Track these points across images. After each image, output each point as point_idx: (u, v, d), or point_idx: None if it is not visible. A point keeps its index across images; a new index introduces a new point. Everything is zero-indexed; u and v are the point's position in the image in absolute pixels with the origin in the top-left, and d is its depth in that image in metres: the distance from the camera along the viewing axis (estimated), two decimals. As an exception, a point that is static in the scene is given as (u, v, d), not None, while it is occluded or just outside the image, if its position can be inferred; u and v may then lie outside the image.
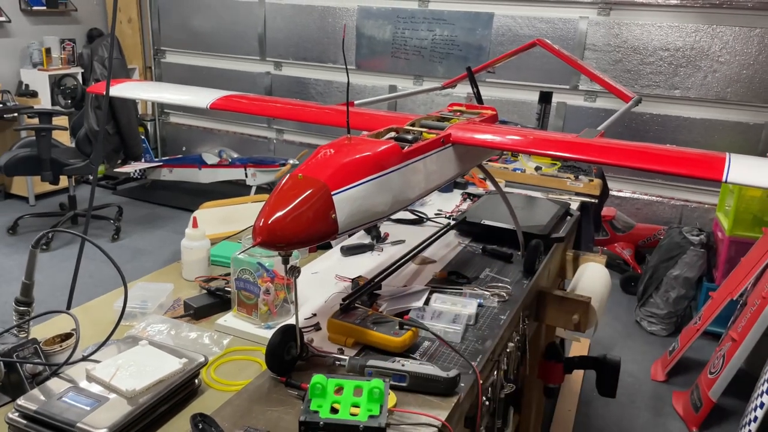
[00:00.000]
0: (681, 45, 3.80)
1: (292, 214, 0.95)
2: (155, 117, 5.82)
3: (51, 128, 4.09)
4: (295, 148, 5.11)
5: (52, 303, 3.02)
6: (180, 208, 4.90)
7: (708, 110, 3.83)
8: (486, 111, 1.64)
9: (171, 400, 0.99)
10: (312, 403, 0.90)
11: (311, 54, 4.95)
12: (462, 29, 4.37)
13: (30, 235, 4.30)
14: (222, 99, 1.72)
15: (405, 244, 1.75)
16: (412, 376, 1.05)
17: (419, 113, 1.58)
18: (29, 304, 1.08)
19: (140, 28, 5.67)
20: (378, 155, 1.11)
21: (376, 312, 1.26)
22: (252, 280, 1.26)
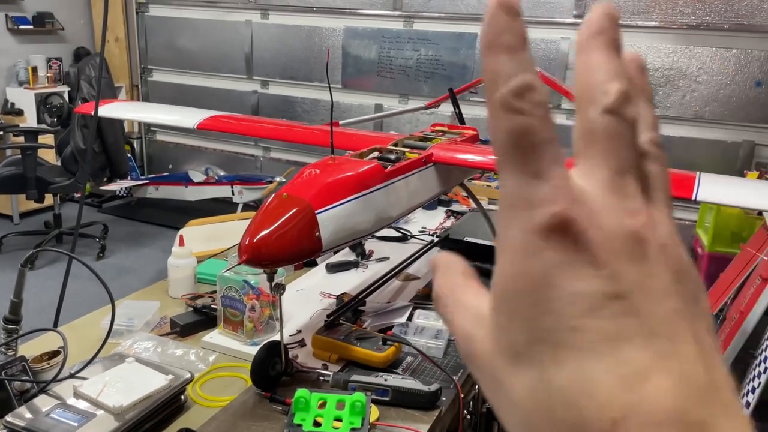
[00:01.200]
0: (659, 65, 3.90)
1: (277, 232, 0.97)
2: (142, 135, 5.83)
3: (37, 146, 4.09)
4: (282, 166, 5.14)
5: (39, 321, 2.99)
6: (166, 226, 4.90)
7: (687, 128, 3.91)
8: (467, 131, 1.69)
9: (157, 416, 1.01)
10: (295, 417, 0.93)
11: (298, 73, 5.00)
12: (446, 49, 4.45)
13: (15, 253, 4.27)
14: (209, 119, 1.75)
15: (389, 261, 1.78)
16: (394, 390, 1.07)
17: (404, 131, 1.63)
18: (17, 322, 1.09)
19: (127, 47, 5.70)
20: (361, 175, 1.14)
21: (360, 328, 1.29)
22: (238, 298, 1.28)
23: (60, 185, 4.14)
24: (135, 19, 5.57)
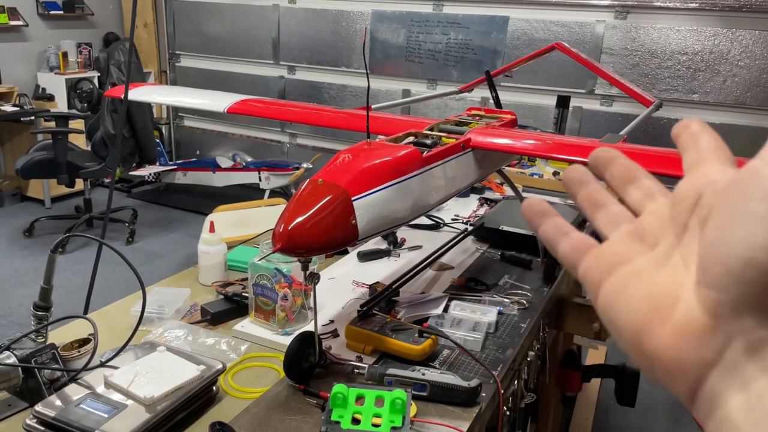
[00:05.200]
0: (699, 49, 3.75)
1: (312, 220, 0.93)
2: (170, 121, 5.85)
3: (67, 131, 4.12)
4: (309, 152, 5.11)
5: (68, 306, 3.03)
6: (194, 212, 4.92)
7: (727, 115, 3.77)
8: (505, 115, 1.62)
9: (189, 408, 0.98)
10: (333, 413, 0.89)
11: (325, 58, 4.95)
12: (477, 33, 4.35)
13: (46, 237, 4.33)
14: (239, 103, 1.71)
15: (422, 249, 1.73)
16: (432, 386, 1.03)
17: (433, 117, 1.57)
18: (48, 309, 1.07)
19: (156, 32, 5.71)
20: (398, 160, 1.09)
21: (395, 319, 1.25)
22: (270, 286, 1.25)
23: (90, 170, 4.17)
24: (163, 5, 5.57)
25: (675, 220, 0.31)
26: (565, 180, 0.37)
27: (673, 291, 0.28)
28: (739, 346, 0.26)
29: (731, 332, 0.26)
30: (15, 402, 1.00)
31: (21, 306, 3.38)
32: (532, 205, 0.37)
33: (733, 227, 0.25)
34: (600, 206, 0.35)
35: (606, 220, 0.35)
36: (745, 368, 0.25)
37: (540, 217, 0.36)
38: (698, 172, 0.31)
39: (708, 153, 0.32)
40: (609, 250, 0.33)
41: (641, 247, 0.32)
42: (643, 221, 0.33)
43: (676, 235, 0.30)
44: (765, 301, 0.25)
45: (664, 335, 0.28)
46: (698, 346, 0.27)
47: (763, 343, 0.25)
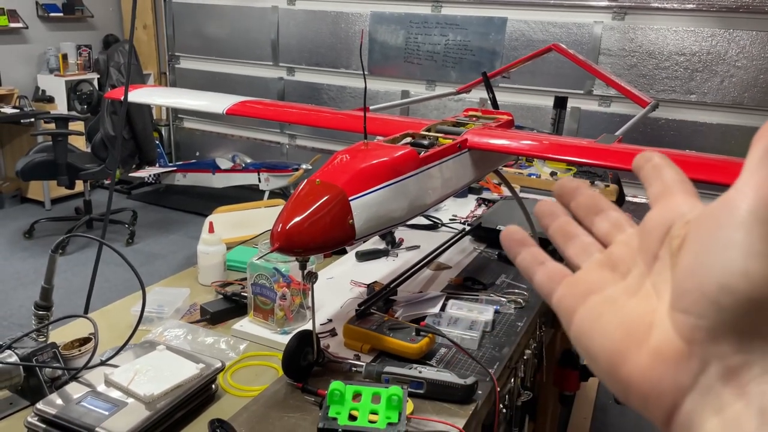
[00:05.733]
0: (697, 50, 3.77)
1: (309, 219, 0.94)
2: (169, 122, 5.87)
3: (67, 133, 4.13)
4: (308, 153, 5.13)
5: (69, 307, 3.04)
6: (193, 213, 4.93)
7: (725, 115, 3.79)
8: (502, 116, 1.63)
9: (188, 406, 1.00)
10: (330, 410, 0.90)
11: (324, 59, 4.96)
12: (475, 34, 4.37)
13: (46, 239, 4.34)
14: (238, 104, 1.72)
15: (420, 249, 1.75)
16: (429, 383, 1.04)
17: (432, 118, 1.58)
18: (49, 308, 1.09)
19: (155, 34, 5.72)
20: (395, 161, 1.11)
21: (392, 318, 1.26)
22: (268, 286, 1.26)
23: (90, 171, 4.19)
24: (163, 7, 5.59)
25: (645, 250, 0.32)
26: (536, 214, 0.39)
27: (646, 318, 0.29)
28: (714, 371, 0.26)
29: (707, 357, 0.26)
30: (17, 400, 1.02)
31: (21, 307, 3.40)
32: (511, 234, 0.38)
33: (711, 254, 0.26)
34: (571, 237, 0.37)
35: (577, 250, 0.36)
36: (720, 393, 0.26)
37: (518, 246, 0.38)
38: (666, 204, 0.32)
39: (674, 185, 0.33)
40: (582, 279, 0.34)
41: (613, 276, 0.33)
42: (614, 251, 0.34)
43: (646, 264, 0.31)
44: (741, 326, 0.25)
45: (639, 361, 0.28)
46: (674, 371, 0.27)
47: (739, 368, 0.26)
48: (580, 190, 0.38)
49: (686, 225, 0.29)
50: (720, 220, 0.27)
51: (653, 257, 0.31)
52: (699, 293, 0.26)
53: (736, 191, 0.27)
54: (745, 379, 0.26)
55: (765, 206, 0.26)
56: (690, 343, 0.27)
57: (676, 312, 0.27)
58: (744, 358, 0.26)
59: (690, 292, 0.27)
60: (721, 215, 0.27)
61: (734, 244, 0.26)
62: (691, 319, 0.27)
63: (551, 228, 0.38)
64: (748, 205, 0.26)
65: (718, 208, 0.28)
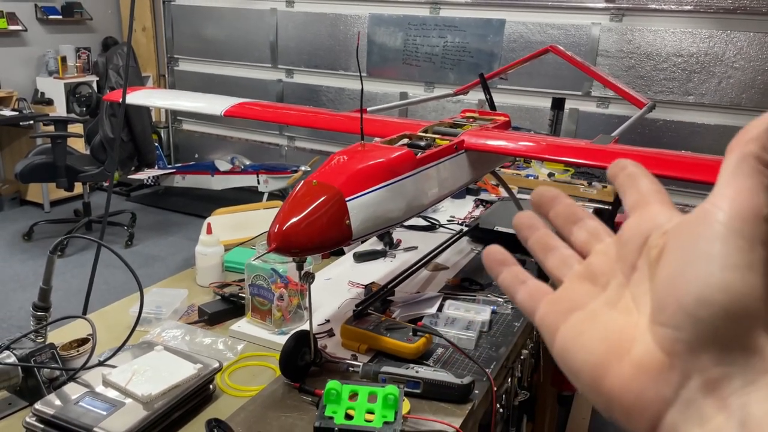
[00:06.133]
0: (695, 51, 3.78)
1: (306, 220, 0.95)
2: (168, 124, 5.87)
3: (66, 135, 4.14)
4: (307, 155, 5.13)
5: (67, 308, 3.04)
6: (193, 215, 4.94)
7: (722, 116, 3.80)
8: (499, 117, 1.64)
9: (186, 406, 1.00)
10: (327, 409, 0.90)
11: (323, 61, 4.97)
12: (473, 36, 4.38)
13: (45, 241, 4.34)
14: (236, 106, 1.73)
15: (418, 250, 1.75)
16: (425, 383, 1.05)
17: (430, 120, 1.59)
18: (47, 309, 1.09)
19: (154, 36, 5.73)
20: (391, 161, 1.11)
21: (390, 318, 1.26)
22: (266, 286, 1.26)
23: (89, 174, 4.19)
24: (162, 9, 5.60)
25: (623, 260, 0.32)
26: (515, 226, 0.39)
27: (627, 331, 0.29)
28: (695, 383, 0.26)
29: (688, 370, 0.26)
30: (15, 401, 1.02)
31: (21, 309, 3.40)
32: (492, 253, 0.38)
33: (688, 267, 0.27)
34: (550, 249, 0.37)
35: (557, 263, 0.36)
36: (702, 405, 0.26)
37: (499, 265, 0.38)
38: (643, 214, 0.32)
39: (650, 195, 0.33)
40: (563, 296, 0.34)
41: (593, 289, 0.33)
42: (592, 262, 0.34)
43: (624, 275, 0.32)
44: (720, 339, 0.26)
45: (621, 375, 0.28)
46: (656, 384, 0.27)
47: (719, 380, 0.26)
48: (558, 200, 0.38)
49: (664, 235, 0.30)
50: (697, 233, 0.27)
51: (631, 267, 0.31)
52: (677, 306, 0.26)
53: (712, 203, 0.27)
54: (725, 392, 0.26)
55: (740, 218, 0.26)
56: (670, 355, 0.27)
57: (656, 325, 0.28)
58: (724, 370, 0.26)
59: (669, 305, 0.27)
60: (698, 227, 0.27)
61: (711, 257, 0.26)
62: (670, 332, 0.27)
63: (530, 240, 0.38)
64: (723, 217, 0.26)
65: (694, 219, 0.28)
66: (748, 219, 0.26)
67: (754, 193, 0.27)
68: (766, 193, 0.27)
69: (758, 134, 0.28)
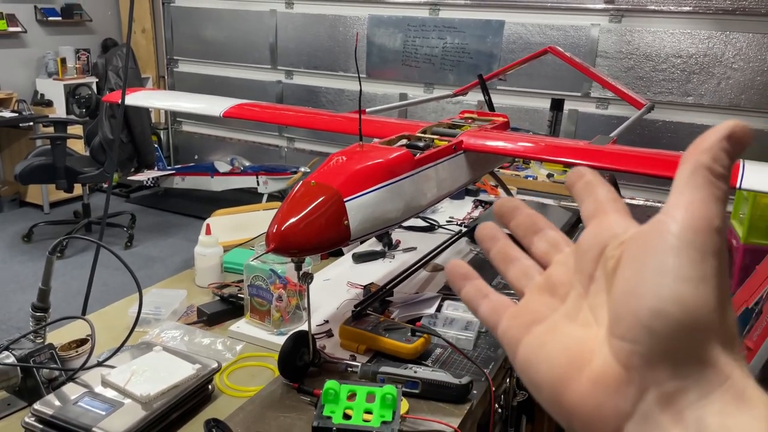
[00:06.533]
0: (694, 52, 3.78)
1: (305, 220, 0.95)
2: (168, 125, 5.87)
3: (66, 137, 4.14)
4: (306, 156, 5.14)
5: (67, 309, 3.04)
6: (192, 216, 4.94)
7: (722, 117, 3.79)
8: (497, 118, 1.64)
9: (185, 406, 1.00)
10: (325, 409, 0.91)
11: (322, 63, 4.97)
12: (473, 37, 4.38)
13: (45, 242, 4.34)
14: (235, 107, 1.73)
15: (417, 251, 1.75)
16: (424, 383, 1.05)
17: (430, 121, 1.59)
18: (46, 310, 1.09)
19: (154, 38, 5.74)
20: (390, 162, 1.12)
21: (388, 319, 1.27)
22: (265, 287, 1.27)
23: (89, 175, 4.19)
24: (161, 10, 5.60)
25: (581, 271, 0.32)
26: (477, 237, 0.39)
27: (587, 344, 0.29)
28: (652, 397, 0.26)
29: (645, 383, 0.26)
30: (14, 401, 1.02)
31: (20, 311, 3.40)
32: (454, 268, 0.38)
33: (643, 280, 0.27)
34: (511, 260, 0.37)
35: (518, 274, 0.36)
36: (659, 419, 0.26)
37: (462, 280, 0.38)
38: (600, 223, 0.32)
39: (607, 204, 0.33)
40: (524, 309, 0.34)
41: (553, 301, 0.33)
42: (552, 273, 0.34)
43: (583, 286, 0.32)
44: (674, 351, 0.26)
45: (581, 388, 0.28)
46: (614, 398, 0.27)
47: (675, 394, 0.26)
48: (519, 210, 0.38)
49: (620, 246, 0.30)
50: (651, 244, 0.27)
51: (589, 278, 0.31)
52: (633, 319, 0.26)
53: (666, 213, 0.27)
54: (681, 405, 0.26)
55: (693, 229, 0.26)
56: (627, 369, 0.27)
57: (613, 338, 0.28)
58: (679, 383, 0.26)
59: (625, 318, 0.27)
60: (652, 239, 0.27)
61: (665, 270, 0.26)
62: (627, 345, 0.27)
63: (492, 252, 0.38)
64: (676, 229, 0.26)
65: (649, 231, 0.28)
66: (700, 230, 0.26)
67: (706, 204, 0.27)
68: (717, 204, 0.27)
69: (710, 145, 0.28)
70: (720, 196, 0.27)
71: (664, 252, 0.26)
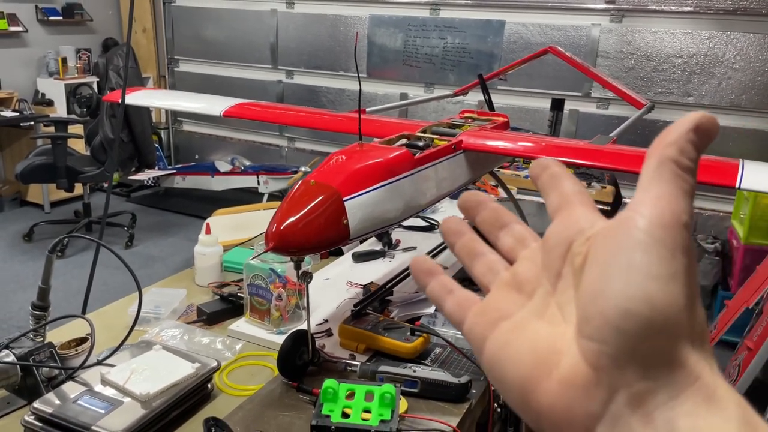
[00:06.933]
0: (695, 52, 3.78)
1: (304, 219, 0.95)
2: (169, 125, 5.88)
3: (66, 136, 4.14)
4: (307, 156, 5.14)
5: (67, 308, 3.04)
6: (193, 216, 4.94)
7: (722, 117, 3.79)
8: (497, 118, 1.64)
9: (184, 404, 1.00)
10: (323, 408, 0.91)
11: (323, 62, 4.98)
12: (473, 37, 4.38)
13: (45, 242, 4.34)
14: (235, 107, 1.73)
15: (416, 250, 1.75)
16: (423, 382, 1.05)
17: (430, 120, 1.59)
18: (46, 309, 1.09)
19: (154, 37, 5.74)
20: (389, 161, 1.12)
21: (388, 318, 1.27)
22: (264, 286, 1.27)
23: (89, 174, 4.19)
24: (162, 10, 5.60)
25: (548, 267, 0.31)
26: (442, 231, 0.38)
27: (555, 343, 0.28)
28: (622, 398, 0.26)
29: (614, 384, 0.26)
30: (14, 399, 1.02)
31: (21, 310, 3.40)
32: (419, 264, 0.37)
33: (610, 278, 0.26)
34: (476, 255, 0.36)
35: (483, 269, 0.35)
36: (629, 421, 0.25)
37: (427, 275, 0.37)
38: (566, 217, 0.31)
39: (573, 196, 0.32)
40: (491, 306, 0.33)
41: (520, 298, 0.32)
42: (518, 269, 0.34)
43: (550, 283, 0.31)
44: (644, 352, 0.25)
45: (549, 390, 0.28)
46: (584, 400, 0.26)
47: (645, 395, 0.25)
48: (484, 204, 0.37)
49: (587, 241, 0.29)
50: (618, 241, 0.26)
51: (557, 275, 0.30)
52: (602, 319, 0.26)
53: (632, 209, 0.27)
54: (651, 407, 0.25)
55: (661, 225, 0.26)
56: (597, 370, 0.26)
57: (582, 338, 0.27)
58: (649, 384, 0.25)
59: (593, 318, 0.26)
60: (620, 235, 0.27)
61: (633, 268, 0.25)
62: (595, 346, 0.26)
63: (456, 246, 0.37)
64: (644, 225, 0.26)
65: (616, 226, 0.27)
66: (668, 226, 0.26)
67: (673, 198, 0.26)
68: (686, 198, 0.26)
69: (676, 138, 0.27)
70: (687, 189, 0.26)
71: (632, 249, 0.26)
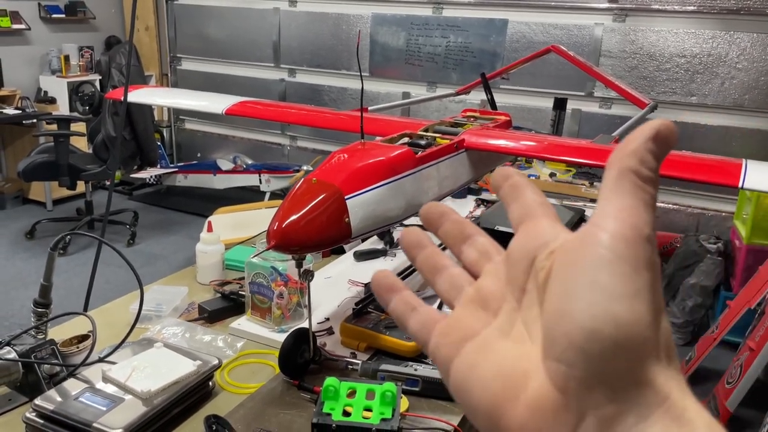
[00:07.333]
0: (698, 51, 3.77)
1: (305, 218, 0.95)
2: (171, 123, 5.88)
3: (69, 134, 4.14)
4: (309, 155, 5.14)
5: (69, 306, 3.04)
6: (194, 214, 4.94)
7: (725, 117, 3.79)
8: (500, 117, 1.64)
9: (185, 402, 1.00)
10: (325, 406, 0.91)
11: (325, 61, 4.97)
12: (476, 36, 4.38)
13: (48, 239, 4.34)
14: (237, 105, 1.73)
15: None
16: (424, 381, 1.05)
17: (432, 119, 1.59)
18: (47, 306, 1.09)
19: (157, 35, 5.74)
20: (391, 160, 1.11)
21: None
22: (266, 284, 1.27)
23: (91, 172, 4.20)
24: (165, 8, 5.60)
25: (512, 282, 0.30)
26: (402, 244, 0.37)
27: (521, 365, 0.27)
28: (591, 422, 0.25)
29: (582, 408, 0.25)
30: (15, 396, 1.03)
31: (23, 308, 3.41)
32: (380, 280, 0.36)
33: (574, 297, 0.25)
34: (439, 270, 0.35)
35: (446, 286, 0.34)
36: None
37: (388, 292, 0.35)
38: (529, 230, 0.30)
39: (535, 208, 0.31)
40: (455, 325, 0.32)
41: (485, 315, 0.31)
42: (483, 285, 0.32)
43: (515, 298, 0.30)
44: (611, 373, 0.24)
45: (517, 415, 0.27)
46: (553, 425, 0.26)
47: (614, 418, 0.24)
48: (446, 216, 0.36)
49: (550, 256, 0.28)
50: (581, 257, 0.26)
51: (521, 290, 0.30)
52: (567, 341, 0.25)
53: (595, 223, 0.26)
54: (620, 429, 0.24)
55: (624, 240, 0.25)
56: (564, 393, 0.25)
57: (549, 360, 0.26)
58: (618, 407, 0.24)
59: (558, 340, 0.25)
60: (582, 251, 0.26)
61: (596, 286, 0.24)
62: (562, 368, 0.25)
63: (418, 260, 0.36)
64: (607, 240, 0.25)
65: (579, 242, 0.26)
66: (631, 241, 0.25)
67: (635, 211, 0.25)
68: (647, 210, 0.26)
69: (636, 148, 0.26)
70: (649, 201, 0.26)
71: (595, 267, 0.25)
